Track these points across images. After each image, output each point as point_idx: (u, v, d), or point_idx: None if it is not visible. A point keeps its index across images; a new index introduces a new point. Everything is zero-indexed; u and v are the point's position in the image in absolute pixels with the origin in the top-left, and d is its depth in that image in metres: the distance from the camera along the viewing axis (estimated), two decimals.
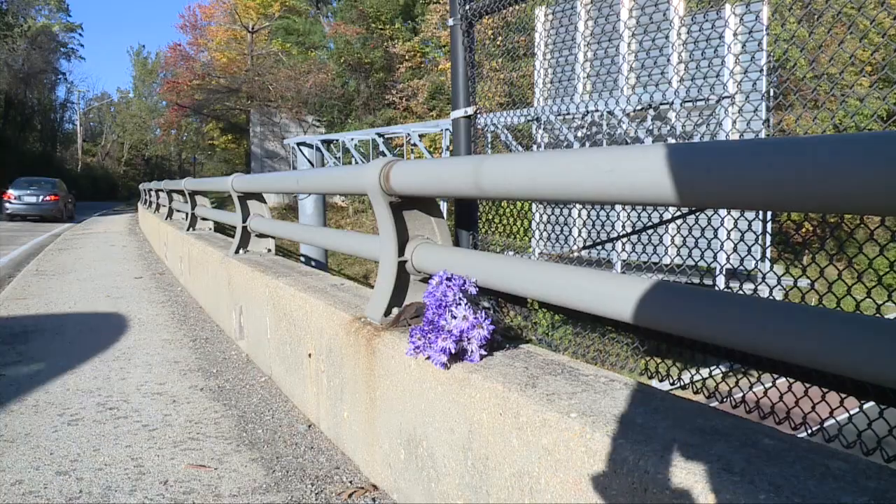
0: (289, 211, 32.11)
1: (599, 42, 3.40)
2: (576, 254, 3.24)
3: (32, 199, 27.83)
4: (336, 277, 4.15)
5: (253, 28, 47.70)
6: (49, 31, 69.21)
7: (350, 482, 2.81)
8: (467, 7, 3.12)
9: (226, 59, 49.12)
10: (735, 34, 2.64)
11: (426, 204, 2.76)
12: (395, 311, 2.74)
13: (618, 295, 1.78)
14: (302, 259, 21.59)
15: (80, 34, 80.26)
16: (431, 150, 22.33)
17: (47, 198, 28.23)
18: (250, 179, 5.39)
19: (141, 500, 2.69)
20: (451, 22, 3.10)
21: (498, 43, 3.62)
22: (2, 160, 44.25)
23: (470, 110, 3.02)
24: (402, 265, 2.72)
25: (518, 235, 3.48)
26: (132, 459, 3.08)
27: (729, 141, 1.48)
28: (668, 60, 3.21)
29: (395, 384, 2.46)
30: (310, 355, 3.36)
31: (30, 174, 32.50)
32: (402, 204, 2.70)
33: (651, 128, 5.17)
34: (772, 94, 3.09)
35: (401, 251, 2.71)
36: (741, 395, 2.04)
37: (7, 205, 27.35)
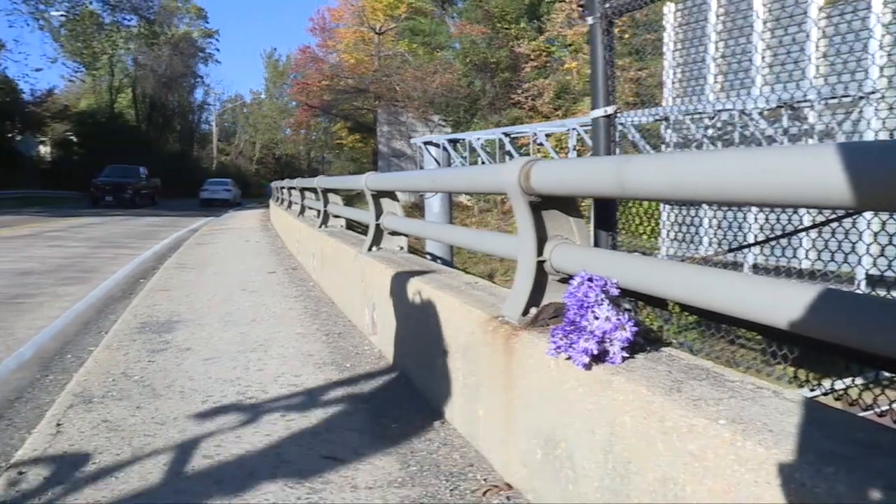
0: (414, 209, 32.50)
1: (733, 37, 3.31)
2: (722, 256, 3.16)
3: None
4: (469, 276, 4.18)
5: (380, 29, 48.50)
6: (189, 38, 72.63)
7: (484, 480, 2.82)
8: (607, 5, 3.09)
9: (354, 61, 50.13)
10: (885, 24, 2.52)
11: (565, 204, 2.74)
12: (533, 310, 2.73)
13: (777, 301, 1.72)
14: (428, 257, 21.83)
15: (217, 39, 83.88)
16: (557, 149, 22.15)
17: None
18: (384, 178, 5.48)
19: (280, 487, 2.78)
20: (590, 20, 3.07)
21: (625, 41, 3.56)
22: (145, 160, 46.53)
23: (610, 109, 2.99)
24: (540, 265, 2.71)
25: (645, 236, 3.42)
26: (272, 448, 3.18)
27: None
28: (806, 55, 3.08)
29: (534, 384, 2.45)
30: (446, 352, 3.40)
31: (170, 173, 41.84)
32: (542, 203, 2.69)
33: (788, 126, 4.99)
34: None
35: (539, 251, 2.70)
36: None
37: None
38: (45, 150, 61.96)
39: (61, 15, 37.50)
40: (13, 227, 19.94)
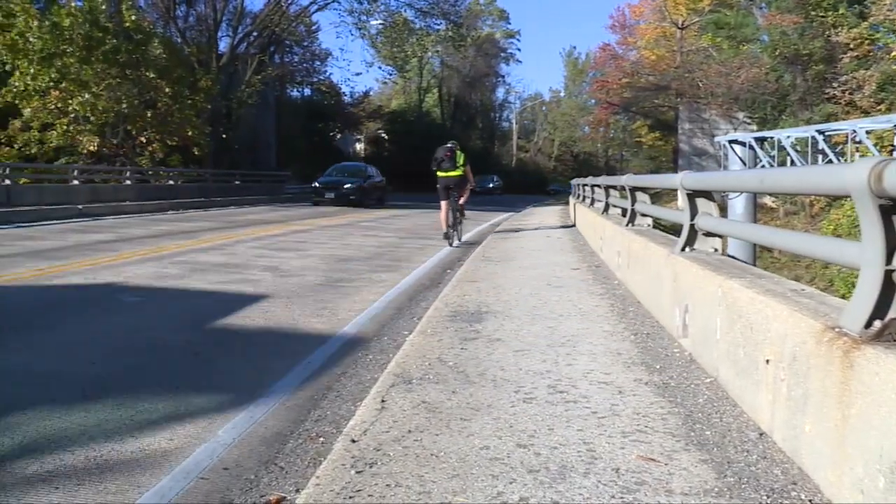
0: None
1: None
2: None
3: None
4: (793, 282, 3.94)
5: (682, 24, 47.22)
6: (492, 39, 75.70)
7: (809, 501, 2.65)
8: None
9: (654, 57, 49.38)
10: None
11: None
12: (877, 323, 2.52)
13: None
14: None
15: (518, 39, 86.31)
16: (878, 147, 20.35)
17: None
18: (702, 177, 5.30)
19: (595, 483, 2.79)
20: None
21: None
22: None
23: None
24: (888, 274, 2.49)
25: None
26: (584, 443, 3.20)
27: None
28: None
29: (878, 403, 2.26)
30: (767, 361, 3.23)
31: (473, 169, 46.36)
32: (893, 207, 2.47)
33: None
34: None
35: (888, 259, 2.48)
36: None
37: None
38: (359, 146, 67.36)
39: (379, 24, 40.45)
40: (332, 217, 21.86)
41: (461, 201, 14.17)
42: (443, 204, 13.76)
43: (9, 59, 22.87)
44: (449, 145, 14.10)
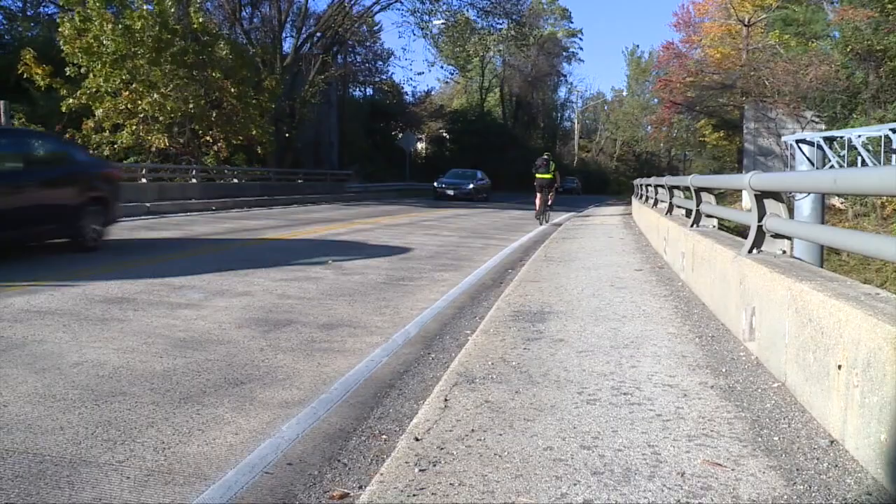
0: None
1: None
2: None
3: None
4: (867, 286, 3.83)
5: (749, 21, 46.25)
6: (554, 38, 75.39)
7: None
8: None
9: (719, 55, 48.44)
10: None
11: None
12: None
13: None
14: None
15: (580, 38, 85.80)
16: None
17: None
18: (771, 178, 5.19)
19: (659, 487, 2.77)
20: None
21: None
22: (510, 155, 48.85)
23: None
24: None
25: None
26: (648, 446, 3.18)
27: None
28: None
29: None
30: (839, 367, 3.15)
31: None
32: None
33: None
34: None
35: None
36: None
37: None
38: (421, 146, 67.61)
39: (441, 23, 40.54)
40: (394, 215, 22.00)
41: (550, 200, 21.02)
42: (538, 196, 20.79)
43: (84, 62, 23.46)
44: (545, 156, 21.50)
